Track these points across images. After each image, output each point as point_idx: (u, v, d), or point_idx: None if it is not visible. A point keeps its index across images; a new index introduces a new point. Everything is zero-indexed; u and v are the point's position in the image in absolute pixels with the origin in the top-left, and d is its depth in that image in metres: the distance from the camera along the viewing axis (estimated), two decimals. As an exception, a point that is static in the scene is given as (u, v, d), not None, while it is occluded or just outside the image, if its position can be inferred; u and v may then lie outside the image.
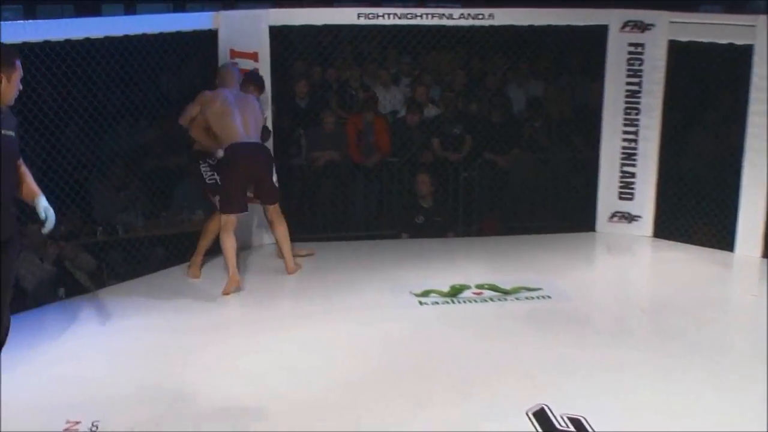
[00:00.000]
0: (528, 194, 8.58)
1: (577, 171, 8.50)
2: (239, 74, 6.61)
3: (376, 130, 8.52)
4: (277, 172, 6.62)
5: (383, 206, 8.59)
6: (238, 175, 6.23)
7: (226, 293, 6.15)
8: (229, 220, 6.24)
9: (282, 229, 6.57)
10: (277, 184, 6.57)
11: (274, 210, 6.55)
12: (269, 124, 7.03)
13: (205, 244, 6.60)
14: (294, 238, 6.73)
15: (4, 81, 3.99)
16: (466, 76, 9.18)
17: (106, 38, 6.15)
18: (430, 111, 8.84)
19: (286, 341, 5.33)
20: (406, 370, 4.88)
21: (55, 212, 4.24)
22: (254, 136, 6.30)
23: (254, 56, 6.99)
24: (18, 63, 4.10)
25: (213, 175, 6.49)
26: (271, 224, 6.64)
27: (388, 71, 9.17)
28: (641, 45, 7.36)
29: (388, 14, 7.27)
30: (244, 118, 6.25)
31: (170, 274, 6.71)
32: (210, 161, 6.51)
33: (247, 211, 6.42)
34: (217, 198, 6.40)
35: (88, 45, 6.09)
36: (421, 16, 7.33)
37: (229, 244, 6.22)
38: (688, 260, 6.99)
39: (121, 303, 6.03)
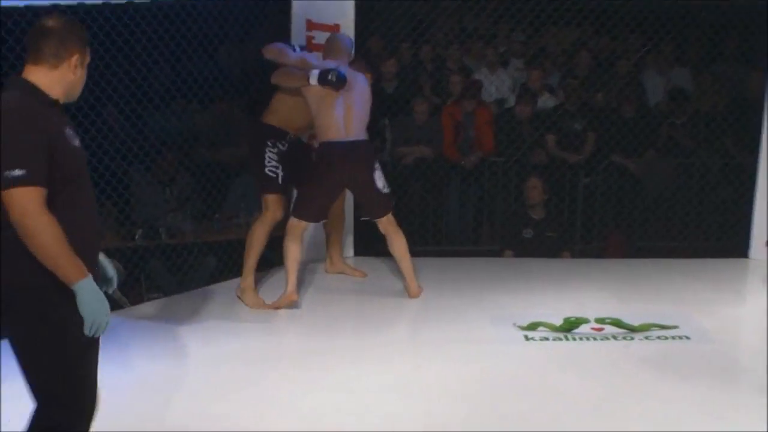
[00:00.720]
0: (664, 208, 8.57)
1: (729, 181, 8.43)
2: (351, 47, 6.55)
3: (478, 122, 8.53)
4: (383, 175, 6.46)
5: (483, 216, 8.62)
6: (329, 181, 6.19)
7: (277, 307, 6.19)
8: (300, 225, 6.22)
9: (400, 245, 6.45)
10: (386, 190, 6.37)
11: (388, 223, 6.43)
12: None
13: (253, 261, 6.39)
14: (370, 251, 6.67)
15: (79, 65, 3.48)
16: (592, 59, 9.14)
17: (154, 1, 6.17)
18: (546, 101, 8.86)
19: (357, 378, 5.24)
20: (507, 421, 4.73)
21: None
22: (357, 133, 6.21)
23: (335, 29, 6.97)
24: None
25: (277, 167, 6.30)
26: (387, 239, 6.50)
27: (496, 50, 9.12)
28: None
29: (500, -21, 7.24)
30: (347, 109, 6.16)
31: (222, 290, 6.74)
32: (280, 145, 6.33)
33: (325, 219, 6.44)
34: (269, 196, 6.29)
35: (130, 9, 6.13)
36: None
37: (293, 252, 6.21)
38: None
39: (160, 322, 6.06)
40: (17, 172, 3.13)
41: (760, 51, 7.50)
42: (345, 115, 6.13)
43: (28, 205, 3.14)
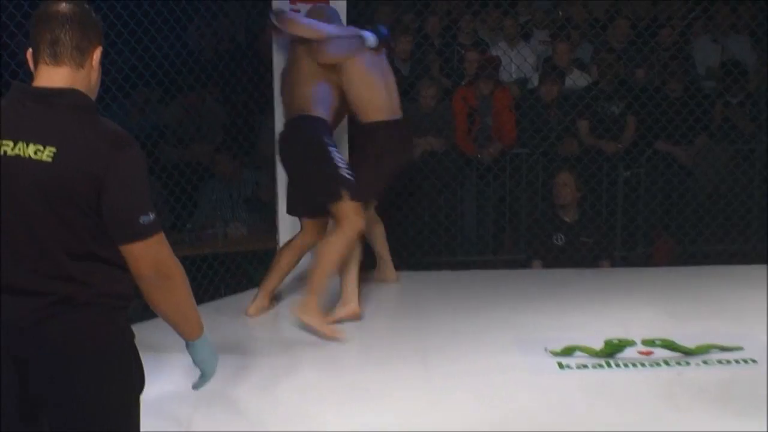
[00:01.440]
0: (721, 204, 8.54)
1: None
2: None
3: (496, 107, 8.54)
4: None
5: (505, 219, 8.58)
6: (395, 164, 6.52)
7: (336, 321, 6.34)
8: (359, 222, 6.29)
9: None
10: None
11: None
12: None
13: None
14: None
15: (96, 62, 3.30)
16: (630, 27, 9.14)
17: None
18: (577, 80, 8.81)
19: (362, 414, 5.24)
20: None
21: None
22: (399, 110, 6.52)
23: (325, 1, 7.01)
24: None
25: (348, 166, 6.42)
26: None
27: (516, 21, 9.13)
28: None
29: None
30: (388, 83, 6.46)
31: (201, 314, 6.65)
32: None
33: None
34: (348, 203, 6.32)
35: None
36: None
37: (356, 252, 6.40)
38: None
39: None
40: (151, 217, 3.13)
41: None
42: (388, 88, 6.40)
43: (165, 253, 3.19)
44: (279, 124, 6.85)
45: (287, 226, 7.12)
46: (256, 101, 7.59)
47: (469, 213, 8.57)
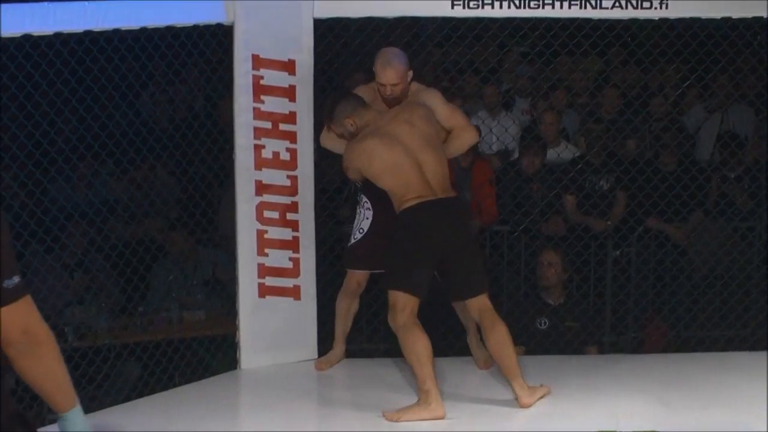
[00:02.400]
0: (717, 286, 8.53)
1: None
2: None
3: (476, 181, 8.55)
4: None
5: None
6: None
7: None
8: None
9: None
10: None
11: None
12: (308, 165, 7.17)
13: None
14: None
15: None
16: (620, 96, 9.17)
17: (57, 34, 6.17)
18: (563, 152, 8.80)
19: None
20: None
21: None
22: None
23: (290, 66, 7.10)
24: None
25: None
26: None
27: (498, 88, 9.17)
28: None
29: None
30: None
31: (148, 406, 6.66)
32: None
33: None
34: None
35: (26, 44, 6.12)
36: (551, 3, 7.28)
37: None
38: None
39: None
40: (16, 280, 3.16)
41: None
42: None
43: (33, 318, 3.21)
44: (241, 199, 6.92)
45: (248, 308, 7.11)
46: (215, 174, 7.59)
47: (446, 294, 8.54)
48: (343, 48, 7.97)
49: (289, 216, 7.16)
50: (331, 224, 8.04)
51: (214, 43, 7.00)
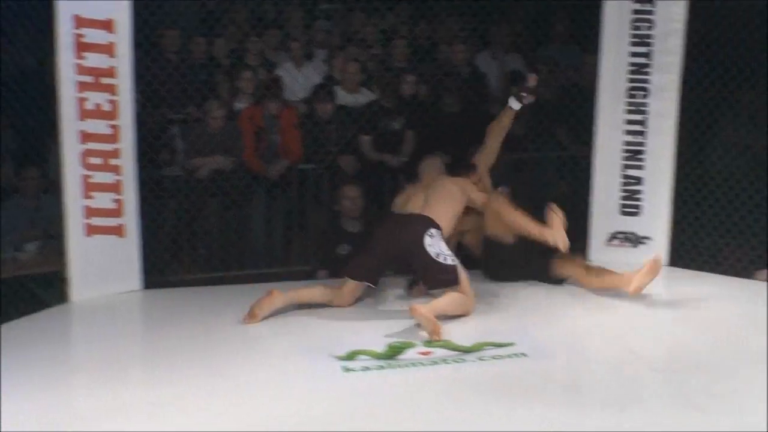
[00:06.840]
0: None
1: (563, 176, 8.64)
2: None
3: (283, 125, 8.57)
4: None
5: (292, 233, 8.61)
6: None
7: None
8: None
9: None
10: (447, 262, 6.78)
11: None
12: (129, 115, 7.08)
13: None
14: (163, 281, 6.66)
15: None
16: (408, 47, 9.27)
17: None
18: (360, 97, 8.85)
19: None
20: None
21: None
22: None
23: (108, 25, 7.07)
24: None
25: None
26: None
27: (300, 41, 9.17)
28: (650, 2, 7.44)
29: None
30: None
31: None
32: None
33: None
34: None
35: None
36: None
37: None
38: (717, 297, 7.00)
39: None
40: None
41: (592, 33, 7.71)
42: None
43: None
44: (67, 148, 6.87)
45: (76, 246, 7.15)
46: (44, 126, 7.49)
47: (257, 227, 8.55)
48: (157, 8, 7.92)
49: (112, 161, 7.18)
50: (150, 168, 7.96)
51: (34, 6, 6.86)
